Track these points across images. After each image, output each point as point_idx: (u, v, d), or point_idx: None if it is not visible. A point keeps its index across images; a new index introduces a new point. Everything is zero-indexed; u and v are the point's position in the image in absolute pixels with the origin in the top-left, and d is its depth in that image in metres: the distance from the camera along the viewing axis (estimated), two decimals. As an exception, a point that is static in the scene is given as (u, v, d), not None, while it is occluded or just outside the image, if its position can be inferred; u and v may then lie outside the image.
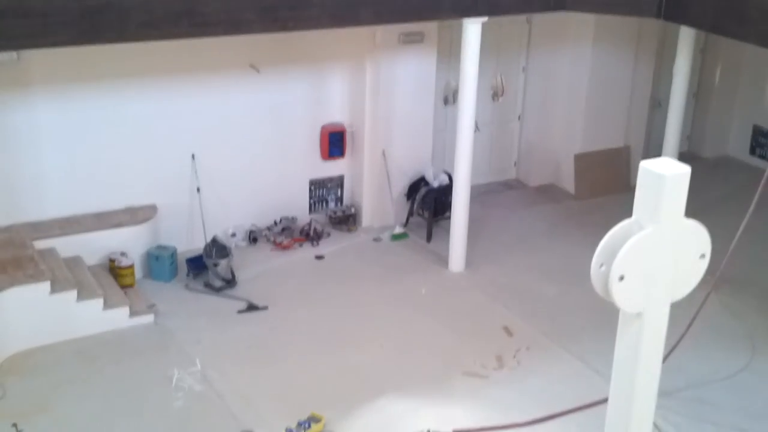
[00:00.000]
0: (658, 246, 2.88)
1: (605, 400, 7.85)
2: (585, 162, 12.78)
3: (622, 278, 2.84)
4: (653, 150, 12.82)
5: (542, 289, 10.27)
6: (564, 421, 7.83)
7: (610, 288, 2.87)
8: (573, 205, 12.66)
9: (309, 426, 7.51)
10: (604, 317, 9.42)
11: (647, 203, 2.88)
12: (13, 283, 8.61)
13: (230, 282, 10.08)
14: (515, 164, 13.37)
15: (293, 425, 7.48)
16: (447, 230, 10.79)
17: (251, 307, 9.68)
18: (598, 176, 12.84)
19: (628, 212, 3.26)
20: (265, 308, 9.68)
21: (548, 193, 13.05)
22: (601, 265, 2.89)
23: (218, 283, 10.02)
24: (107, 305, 9.12)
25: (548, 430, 7.70)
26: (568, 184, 12.98)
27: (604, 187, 12.76)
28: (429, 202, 11.47)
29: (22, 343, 8.63)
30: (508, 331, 9.36)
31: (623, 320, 3.02)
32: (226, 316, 9.56)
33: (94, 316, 9.01)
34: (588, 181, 12.81)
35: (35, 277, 8.77)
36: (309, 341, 9.09)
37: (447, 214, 10.97)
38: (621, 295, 2.87)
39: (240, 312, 9.62)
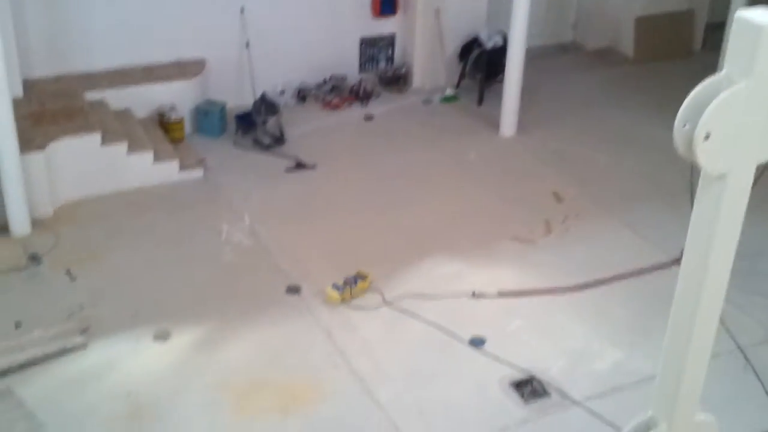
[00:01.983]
0: (750, 103, 2.69)
1: (653, 268, 7.88)
2: (646, 25, 12.32)
3: (707, 137, 2.67)
4: (718, 13, 12.27)
5: (595, 155, 10.07)
6: (611, 287, 7.79)
7: (694, 148, 2.70)
8: (631, 70, 12.29)
9: (355, 283, 7.55)
10: (655, 185, 9.36)
11: (740, 56, 2.68)
12: (64, 134, 8.63)
13: (279, 140, 10.01)
14: (572, 26, 12.92)
15: (339, 282, 7.52)
16: (499, 94, 10.55)
17: (299, 166, 9.64)
18: (658, 40, 12.40)
19: (689, 77, 3.06)
20: (313, 167, 9.64)
21: (606, 56, 12.67)
22: (685, 124, 2.72)
23: (267, 141, 9.96)
24: (157, 159, 9.13)
25: (594, 295, 7.67)
26: (627, 47, 12.57)
27: (665, 51, 12.34)
28: (482, 64, 11.18)
29: (74, 193, 8.73)
30: (557, 196, 9.24)
31: (704, 182, 2.86)
32: (275, 173, 9.54)
33: (144, 169, 9.04)
34: (648, 45, 12.38)
35: (86, 129, 8.76)
36: (356, 201, 9.07)
37: (500, 77, 10.68)
38: (705, 156, 2.71)
39: (288, 170, 9.59)
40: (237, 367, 6.68)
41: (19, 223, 8.14)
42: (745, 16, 2.68)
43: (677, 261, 6.78)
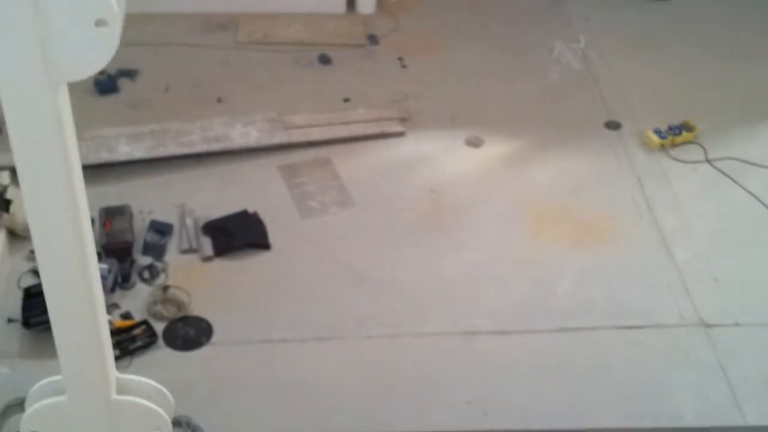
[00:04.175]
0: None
1: None
2: None
3: None
4: None
5: None
6: None
7: None
8: None
9: (680, 132, 7.17)
10: None
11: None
12: None
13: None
14: None
15: (663, 127, 7.16)
16: None
17: (650, -5, 9.07)
18: None
19: None
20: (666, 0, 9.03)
21: None
22: None
23: (622, -38, 9.41)
24: (506, -39, 8.96)
25: None
26: None
27: None
28: None
29: (420, -19, 8.84)
30: None
31: None
32: (623, -2, 9.06)
33: (491, -30, 8.92)
34: None
35: None
36: (703, 45, 8.45)
37: None
38: None
39: (638, -3, 9.06)
40: (540, 189, 6.68)
41: (366, 2, 8.44)
42: None
43: None
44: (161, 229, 5.89)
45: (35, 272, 5.53)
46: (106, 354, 2.63)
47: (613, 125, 7.35)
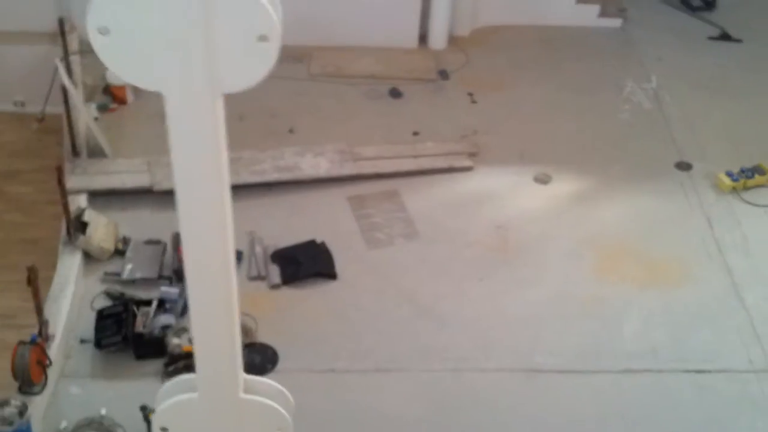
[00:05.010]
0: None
1: None
2: None
3: None
4: None
5: None
6: None
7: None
8: None
9: (752, 175, 7.08)
10: None
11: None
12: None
13: (710, 4, 9.36)
14: None
15: (735, 170, 7.08)
16: None
17: (724, 36, 8.98)
18: None
19: None
20: (739, 41, 8.93)
21: None
22: None
23: (696, 3, 9.35)
24: None
25: None
26: None
27: None
28: None
29: (494, 18, 8.89)
30: None
31: None
32: (695, 39, 9.01)
33: (566, 8, 8.93)
34: None
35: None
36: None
37: None
38: None
39: (711, 38, 8.99)
40: (608, 227, 6.65)
41: (438, 37, 8.53)
42: None
43: None
44: (231, 256, 5.99)
45: (108, 294, 5.68)
46: (237, 354, 2.73)
47: (683, 166, 7.29)
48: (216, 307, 2.68)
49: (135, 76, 2.15)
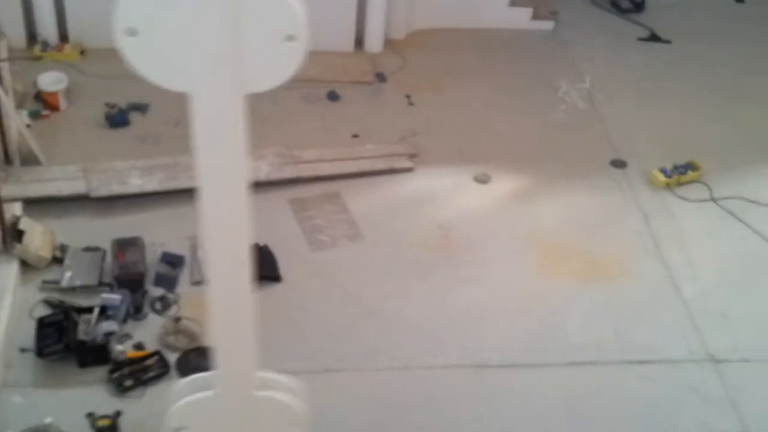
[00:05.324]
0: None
1: None
2: None
3: None
4: None
5: None
6: None
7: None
8: None
9: (685, 172, 7.26)
10: None
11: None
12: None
13: (639, 6, 9.59)
14: None
15: (668, 166, 7.25)
16: None
17: (653, 38, 9.22)
18: None
19: None
20: (668, 42, 9.17)
21: None
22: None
23: (626, 5, 9.57)
24: (512, 2, 9.08)
25: None
26: None
27: None
28: None
29: (428, 21, 8.96)
30: None
31: None
32: (626, 40, 9.23)
33: (499, 11, 9.05)
34: None
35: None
36: (706, 87, 8.58)
37: None
38: None
39: (641, 39, 9.21)
40: (548, 225, 6.74)
41: (374, 41, 8.56)
42: None
43: None
44: (173, 261, 5.92)
45: (48, 302, 5.55)
46: (254, 352, 2.70)
47: (618, 164, 7.43)
48: (235, 304, 2.67)
49: (161, 76, 2.11)
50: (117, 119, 7.31)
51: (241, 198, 2.37)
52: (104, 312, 5.34)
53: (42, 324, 5.25)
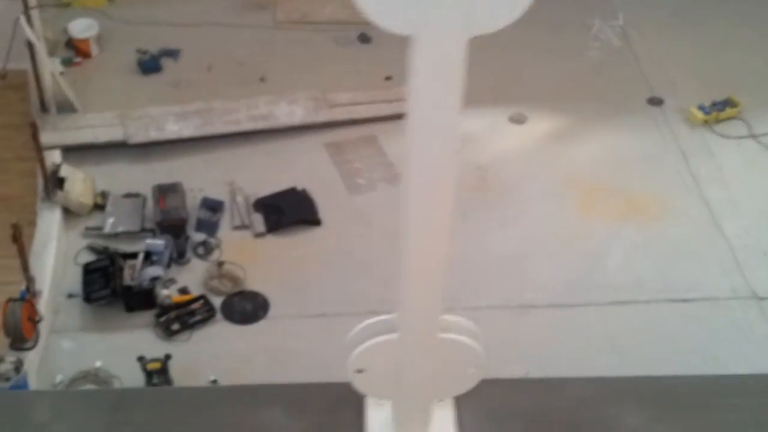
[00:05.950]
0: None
1: None
2: None
3: None
4: None
5: None
6: None
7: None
8: None
9: (723, 108, 7.16)
10: None
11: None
12: None
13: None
14: None
15: (706, 103, 7.15)
16: None
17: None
18: None
19: None
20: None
21: None
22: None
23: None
24: (543, -61, 8.90)
25: None
26: None
27: None
28: None
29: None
30: None
31: None
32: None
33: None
34: None
35: None
36: (740, 21, 8.38)
37: None
38: None
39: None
40: (586, 165, 6.69)
41: (404, -20, 8.41)
42: None
43: None
44: (213, 206, 5.94)
45: (92, 249, 5.59)
46: (440, 294, 2.71)
47: (655, 101, 7.34)
48: (431, 246, 2.64)
49: (386, 19, 2.05)
50: (149, 65, 7.27)
51: (453, 143, 2.31)
52: (149, 257, 5.37)
53: (88, 270, 5.30)
